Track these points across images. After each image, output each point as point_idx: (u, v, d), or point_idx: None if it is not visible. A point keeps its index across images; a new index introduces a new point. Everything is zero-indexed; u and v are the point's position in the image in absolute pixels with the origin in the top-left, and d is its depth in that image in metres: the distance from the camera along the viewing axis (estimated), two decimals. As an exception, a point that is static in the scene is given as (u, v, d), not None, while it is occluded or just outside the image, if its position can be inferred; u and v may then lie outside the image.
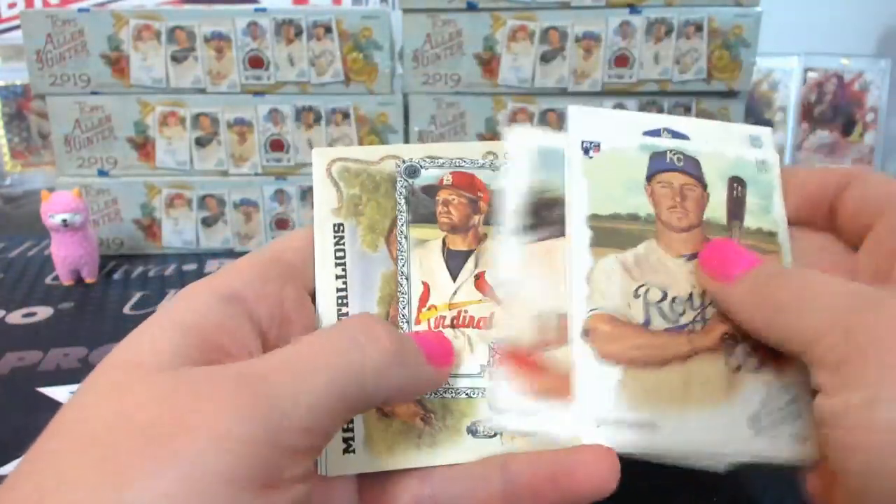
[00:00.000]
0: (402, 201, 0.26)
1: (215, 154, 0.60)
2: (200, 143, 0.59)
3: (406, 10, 0.57)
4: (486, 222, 0.26)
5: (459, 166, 0.26)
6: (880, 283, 0.22)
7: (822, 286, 0.21)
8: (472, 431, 0.24)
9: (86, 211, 0.53)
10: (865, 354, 0.18)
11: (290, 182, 0.61)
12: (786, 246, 0.26)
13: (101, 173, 0.60)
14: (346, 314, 0.24)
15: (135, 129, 0.59)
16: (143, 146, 0.59)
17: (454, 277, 0.25)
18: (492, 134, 0.60)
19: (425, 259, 0.25)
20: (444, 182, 0.26)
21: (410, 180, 0.26)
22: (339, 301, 0.25)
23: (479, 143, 0.27)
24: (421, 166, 0.26)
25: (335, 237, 0.25)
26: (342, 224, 0.25)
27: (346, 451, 0.23)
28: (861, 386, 0.17)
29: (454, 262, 0.25)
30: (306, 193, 0.61)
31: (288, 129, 0.59)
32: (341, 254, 0.25)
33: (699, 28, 0.58)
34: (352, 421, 0.23)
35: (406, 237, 0.25)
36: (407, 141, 0.61)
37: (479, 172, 0.26)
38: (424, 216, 0.26)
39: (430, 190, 0.26)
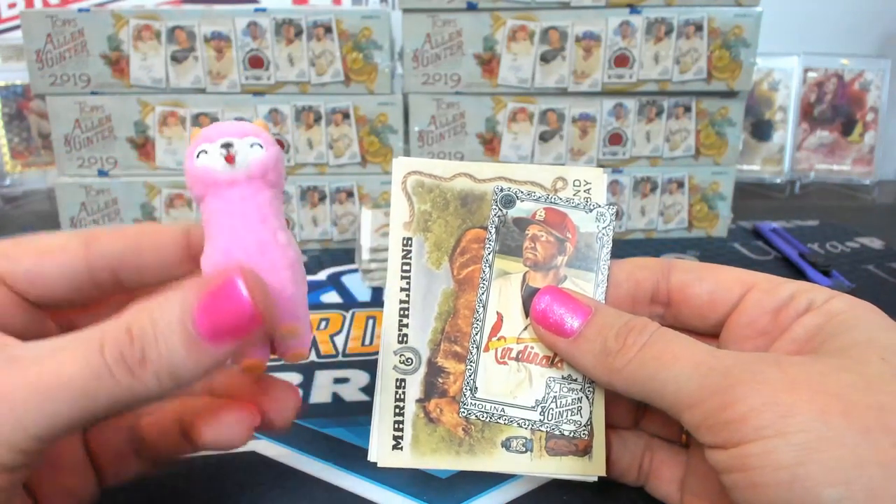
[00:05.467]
0: (493, 230, 0.26)
1: (215, 154, 0.60)
2: (200, 143, 0.59)
3: (406, 10, 0.57)
4: (569, 264, 0.26)
5: (555, 203, 0.26)
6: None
7: (679, 348, 0.22)
8: (506, 446, 0.25)
9: (274, 154, 0.23)
10: (754, 411, 0.19)
11: (290, 182, 0.60)
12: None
13: (101, 173, 0.60)
14: (406, 325, 0.26)
15: (135, 129, 0.59)
16: (143, 146, 0.59)
17: (527, 314, 0.26)
18: (492, 134, 0.60)
19: (504, 291, 0.26)
20: (537, 216, 0.26)
21: (504, 210, 0.26)
22: (401, 312, 0.26)
23: (550, 168, 0.27)
24: (517, 197, 0.26)
25: (403, 251, 0.26)
26: (410, 238, 0.26)
27: (394, 447, 0.25)
28: (757, 438, 0.19)
29: (530, 299, 0.26)
30: (306, 193, 0.61)
31: (288, 128, 0.59)
32: (407, 267, 0.26)
33: (699, 28, 0.58)
34: (402, 422, 0.25)
35: (490, 266, 0.26)
36: (406, 141, 0.61)
37: (572, 213, 0.26)
38: (511, 248, 0.26)
39: (521, 223, 0.26)
